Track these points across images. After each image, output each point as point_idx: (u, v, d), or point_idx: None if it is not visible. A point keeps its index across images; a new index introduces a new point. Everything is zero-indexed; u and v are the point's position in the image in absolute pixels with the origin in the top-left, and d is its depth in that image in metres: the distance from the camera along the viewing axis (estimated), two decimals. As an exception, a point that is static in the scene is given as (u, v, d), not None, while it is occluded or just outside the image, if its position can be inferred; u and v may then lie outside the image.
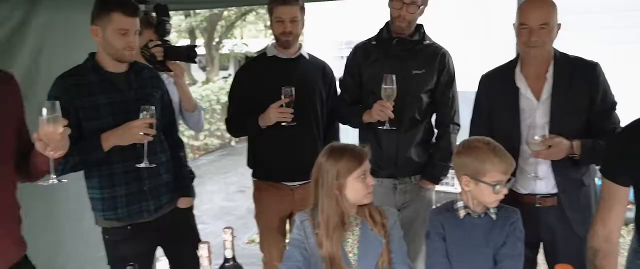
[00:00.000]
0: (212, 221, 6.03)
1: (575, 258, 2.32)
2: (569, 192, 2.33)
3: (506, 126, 2.37)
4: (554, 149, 2.18)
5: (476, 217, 2.01)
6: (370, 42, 2.79)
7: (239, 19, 15.96)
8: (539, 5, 2.26)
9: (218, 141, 10.85)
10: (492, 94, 2.45)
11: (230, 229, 1.74)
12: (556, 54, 2.34)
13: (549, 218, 2.35)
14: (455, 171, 2.05)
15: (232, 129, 2.96)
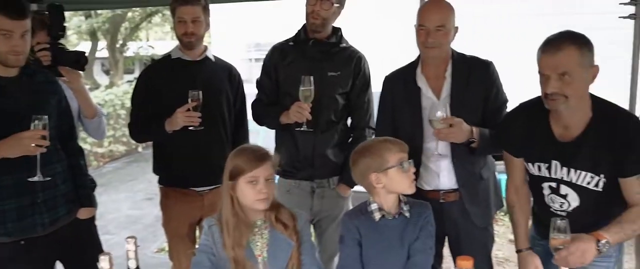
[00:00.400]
0: (118, 231, 5.78)
1: (476, 250, 2.43)
2: (468, 186, 2.41)
3: (409, 125, 2.44)
4: (454, 129, 2.22)
5: (391, 218, 2.03)
6: (287, 43, 2.78)
7: (144, 20, 15.45)
8: (436, 7, 2.34)
9: (124, 148, 10.45)
10: (396, 94, 2.51)
11: (133, 239, 1.69)
12: (454, 54, 2.43)
13: (452, 212, 2.43)
14: (360, 181, 2.04)
15: (135, 134, 2.85)
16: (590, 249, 1.86)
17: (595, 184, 2.00)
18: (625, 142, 1.91)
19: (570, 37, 1.88)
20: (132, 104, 2.88)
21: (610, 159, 1.94)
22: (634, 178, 1.93)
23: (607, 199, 2.00)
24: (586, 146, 1.97)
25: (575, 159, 2.00)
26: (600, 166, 1.97)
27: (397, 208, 2.03)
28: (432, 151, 2.38)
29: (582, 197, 2.04)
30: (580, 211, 2.05)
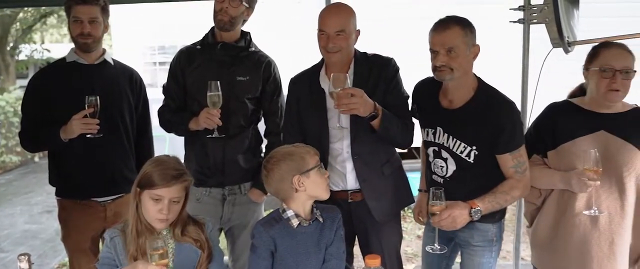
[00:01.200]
0: (13, 248, 5.40)
1: (384, 247, 2.50)
2: (368, 181, 2.43)
3: (315, 127, 2.45)
4: (356, 99, 2.17)
5: (306, 224, 2.01)
6: (194, 47, 2.69)
7: (38, 21, 14.53)
8: (335, 12, 2.36)
9: (18, 158, 9.78)
10: (301, 96, 2.52)
11: (26, 256, 1.58)
12: (356, 54, 2.46)
13: (359, 211, 2.46)
14: (276, 187, 1.99)
15: (27, 143, 2.67)
16: (462, 215, 2.13)
17: (467, 154, 2.25)
18: (497, 123, 2.18)
19: (455, 19, 2.20)
20: (22, 112, 2.70)
21: (484, 136, 2.20)
22: (507, 155, 2.21)
23: (477, 171, 2.25)
24: (464, 119, 2.24)
25: (453, 128, 2.27)
26: (473, 139, 2.23)
27: (311, 214, 2.03)
28: (339, 151, 2.40)
29: (457, 165, 2.29)
30: (456, 177, 2.30)
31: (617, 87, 2.12)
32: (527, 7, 2.83)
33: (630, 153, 2.13)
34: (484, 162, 2.24)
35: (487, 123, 2.19)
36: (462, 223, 2.14)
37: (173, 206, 1.90)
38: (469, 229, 2.27)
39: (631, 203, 2.16)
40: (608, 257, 2.18)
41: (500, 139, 2.19)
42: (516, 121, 2.23)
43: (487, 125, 2.19)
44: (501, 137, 2.19)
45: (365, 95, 2.21)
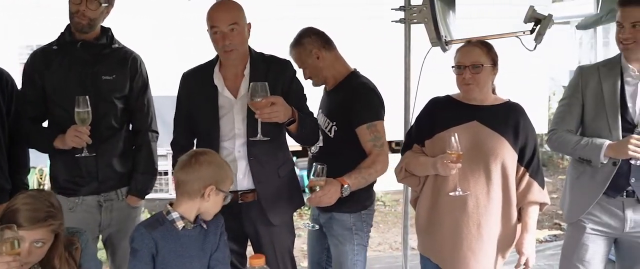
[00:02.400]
0: None
1: (277, 247, 2.51)
2: (264, 182, 2.44)
3: (206, 124, 2.42)
4: (277, 108, 2.21)
5: (191, 228, 1.99)
6: (50, 47, 2.53)
7: None
8: (225, 8, 2.34)
9: None
10: (192, 92, 2.48)
11: None
12: (252, 53, 2.46)
13: (251, 212, 2.46)
14: (191, 179, 1.97)
15: None
16: (335, 192, 2.33)
17: (329, 130, 2.59)
18: (353, 99, 2.52)
19: None
20: None
21: (342, 111, 2.53)
22: (363, 127, 2.48)
23: (337, 147, 2.55)
24: (333, 98, 2.64)
25: (324, 105, 2.68)
26: (334, 115, 2.58)
27: (196, 219, 2.02)
28: (230, 150, 2.38)
29: (324, 141, 2.61)
30: (322, 151, 2.61)
31: (467, 81, 2.30)
32: (407, 7, 2.94)
33: (498, 143, 2.31)
34: (343, 138, 2.54)
35: (345, 99, 2.55)
36: (334, 200, 2.34)
37: (35, 251, 1.77)
38: (329, 218, 2.53)
39: (496, 188, 2.33)
40: (476, 238, 2.34)
41: (354, 111, 2.50)
42: (369, 98, 2.56)
43: (344, 101, 2.54)
44: (354, 109, 2.50)
45: (284, 102, 2.25)
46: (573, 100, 2.58)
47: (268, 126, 2.31)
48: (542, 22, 2.74)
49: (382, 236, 5.33)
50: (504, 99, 2.45)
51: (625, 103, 2.44)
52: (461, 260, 2.36)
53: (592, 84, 2.52)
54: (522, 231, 2.39)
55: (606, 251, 2.62)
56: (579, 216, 2.57)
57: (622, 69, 2.47)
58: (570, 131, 2.57)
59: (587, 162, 2.50)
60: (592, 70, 2.57)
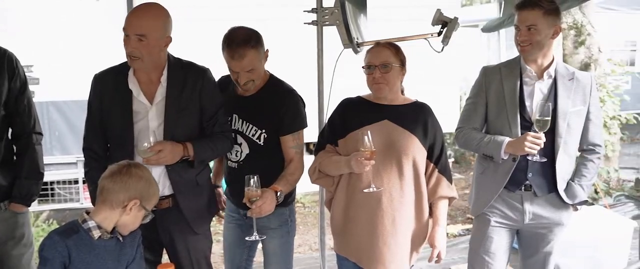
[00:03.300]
0: None
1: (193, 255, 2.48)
2: (184, 192, 2.42)
3: (119, 130, 2.35)
4: (164, 154, 2.24)
5: (107, 238, 1.93)
6: None
7: None
8: (140, 14, 2.26)
9: None
10: (105, 95, 2.38)
11: None
12: (170, 59, 2.40)
13: (166, 219, 2.41)
14: (118, 189, 1.92)
15: None
16: (272, 199, 2.39)
17: (258, 137, 2.56)
18: (281, 108, 2.53)
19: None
20: None
21: (272, 119, 2.53)
22: (289, 136, 2.55)
23: (266, 153, 2.56)
24: (256, 104, 2.56)
25: (247, 113, 2.57)
26: (263, 123, 2.55)
27: (113, 230, 1.97)
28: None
29: (250, 148, 2.57)
30: (249, 159, 2.58)
31: (377, 80, 2.36)
32: (320, 9, 2.98)
33: (409, 140, 2.38)
34: (271, 144, 2.56)
35: (275, 109, 2.53)
36: (273, 207, 2.40)
37: None
38: (267, 214, 2.45)
39: (409, 184, 2.40)
40: (391, 233, 2.40)
41: (284, 121, 2.53)
42: (297, 107, 2.58)
43: (273, 110, 2.53)
44: (285, 119, 2.53)
45: (170, 145, 2.26)
46: (478, 99, 2.70)
47: (184, 134, 2.33)
48: (449, 24, 2.86)
49: (302, 237, 5.35)
50: (412, 99, 2.53)
51: (524, 102, 2.59)
52: (377, 255, 2.41)
53: (494, 84, 2.65)
54: (433, 225, 2.47)
55: (509, 241, 2.77)
56: (483, 209, 2.70)
57: (521, 70, 2.61)
58: (476, 128, 2.70)
59: (490, 159, 2.63)
60: (495, 70, 2.70)
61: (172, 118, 2.34)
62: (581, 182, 2.64)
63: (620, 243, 4.08)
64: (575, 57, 6.36)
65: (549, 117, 2.39)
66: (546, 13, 2.46)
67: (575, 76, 2.60)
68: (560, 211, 2.67)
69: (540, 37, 2.48)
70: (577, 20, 6.35)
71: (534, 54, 2.55)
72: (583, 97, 2.59)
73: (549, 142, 2.52)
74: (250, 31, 2.47)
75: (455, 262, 4.55)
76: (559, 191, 2.61)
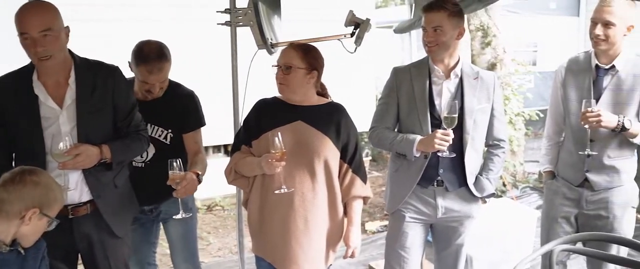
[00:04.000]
0: None
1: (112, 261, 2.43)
2: (103, 196, 2.35)
3: (27, 139, 2.22)
4: (81, 158, 2.17)
5: (6, 252, 1.82)
6: None
7: None
8: (36, 11, 2.15)
9: None
10: (7, 103, 2.23)
11: None
12: (76, 59, 2.30)
13: (83, 226, 2.33)
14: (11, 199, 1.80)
15: None
16: (195, 180, 2.59)
17: (165, 137, 2.78)
18: (186, 110, 2.80)
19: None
20: None
21: (176, 119, 2.76)
22: (192, 133, 2.81)
23: (173, 151, 2.72)
24: (161, 107, 2.74)
25: (152, 115, 2.70)
26: (169, 123, 2.77)
27: (13, 243, 1.85)
28: (56, 164, 2.20)
29: (157, 148, 2.75)
30: (156, 159, 2.74)
31: (279, 81, 2.41)
32: (233, 10, 2.95)
33: (321, 141, 2.41)
34: (176, 142, 2.79)
35: (178, 109, 2.76)
36: (196, 188, 2.61)
37: None
38: (174, 202, 2.62)
39: (321, 184, 2.43)
40: (304, 233, 2.41)
41: (188, 121, 2.80)
42: (198, 108, 2.85)
43: (178, 111, 2.76)
44: (189, 119, 2.80)
45: (87, 148, 2.20)
46: (389, 99, 2.77)
47: (98, 136, 2.28)
48: (361, 25, 2.91)
49: (222, 240, 5.28)
50: (327, 99, 2.56)
51: (433, 101, 2.68)
52: (291, 256, 2.42)
53: (405, 83, 2.73)
54: (348, 225, 2.51)
55: (424, 236, 2.86)
56: (398, 206, 2.77)
57: (429, 70, 2.71)
58: (388, 127, 2.77)
59: (403, 157, 2.71)
60: (405, 71, 2.78)
61: (85, 120, 2.26)
62: (488, 176, 2.78)
63: (526, 231, 4.32)
64: (483, 57, 6.67)
65: (456, 115, 2.49)
66: (451, 15, 2.56)
67: (480, 75, 2.73)
68: (470, 204, 2.79)
69: (446, 38, 2.58)
70: (484, 22, 6.66)
71: (440, 54, 2.65)
72: (487, 95, 2.72)
73: (457, 138, 2.63)
74: (160, 44, 2.66)
75: (374, 258, 4.65)
76: (468, 185, 2.73)
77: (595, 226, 2.81)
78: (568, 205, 2.88)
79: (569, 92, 2.82)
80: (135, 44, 2.66)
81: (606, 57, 2.72)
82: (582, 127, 2.65)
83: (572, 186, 2.85)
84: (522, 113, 6.84)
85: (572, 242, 2.65)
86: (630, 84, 2.68)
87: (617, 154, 2.74)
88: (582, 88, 2.77)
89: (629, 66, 2.69)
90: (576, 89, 2.80)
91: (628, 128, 2.62)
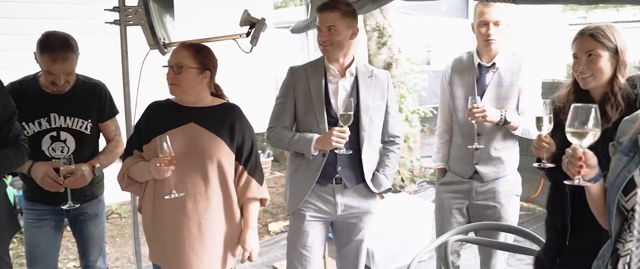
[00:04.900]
0: None
1: None
2: None
3: None
4: None
5: None
6: None
7: None
8: None
9: None
10: None
11: None
12: None
13: None
14: None
15: None
16: (89, 172, 2.76)
17: (85, 128, 2.85)
18: (99, 99, 2.89)
19: None
20: None
21: (93, 109, 2.87)
22: (109, 121, 2.96)
23: (91, 140, 2.89)
24: (76, 99, 2.80)
25: (68, 108, 2.78)
26: (87, 114, 2.84)
27: None
28: None
29: (77, 140, 2.83)
30: (78, 151, 2.81)
31: (170, 81, 2.34)
32: (122, 9, 2.81)
33: (213, 143, 2.35)
34: (95, 132, 2.89)
35: (93, 100, 2.86)
36: (88, 180, 2.75)
37: None
38: (93, 200, 2.85)
39: (215, 188, 2.37)
40: (198, 239, 2.35)
41: (104, 110, 2.91)
42: (110, 96, 2.96)
43: (93, 101, 2.86)
44: (104, 108, 2.91)
45: None
46: (286, 99, 2.77)
47: None
48: (257, 25, 2.88)
49: (120, 250, 5.04)
50: (222, 100, 2.50)
51: (329, 99, 2.71)
52: (185, 262, 2.34)
53: (301, 83, 2.74)
54: (244, 228, 2.47)
55: (325, 234, 2.89)
56: (298, 205, 2.78)
57: (325, 69, 2.74)
58: (286, 127, 2.77)
59: (302, 156, 2.72)
60: (301, 70, 2.79)
61: None
62: (385, 171, 2.85)
63: (423, 224, 4.51)
64: (379, 57, 6.87)
65: (351, 112, 2.54)
66: (344, 15, 2.60)
67: (374, 74, 2.80)
68: (369, 200, 2.85)
69: (340, 38, 2.63)
70: (380, 23, 6.86)
71: (335, 53, 2.68)
72: (382, 93, 2.79)
73: (354, 136, 2.68)
74: (66, 35, 2.67)
75: (278, 259, 4.64)
76: (366, 182, 2.79)
77: (484, 215, 2.98)
78: (460, 198, 3.03)
79: (456, 91, 2.98)
80: (42, 34, 2.66)
81: (487, 56, 2.91)
82: (469, 122, 2.80)
83: (463, 179, 3.00)
84: (418, 110, 7.11)
85: (464, 232, 2.80)
86: (510, 80, 2.88)
87: (502, 145, 2.93)
88: (467, 86, 2.94)
89: (507, 63, 2.90)
90: (462, 87, 2.96)
91: (510, 121, 2.81)
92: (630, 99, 1.96)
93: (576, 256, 1.96)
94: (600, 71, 1.99)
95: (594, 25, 2.05)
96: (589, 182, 1.62)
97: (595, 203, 1.69)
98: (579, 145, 1.59)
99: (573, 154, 1.58)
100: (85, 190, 2.82)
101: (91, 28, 4.39)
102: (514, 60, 2.91)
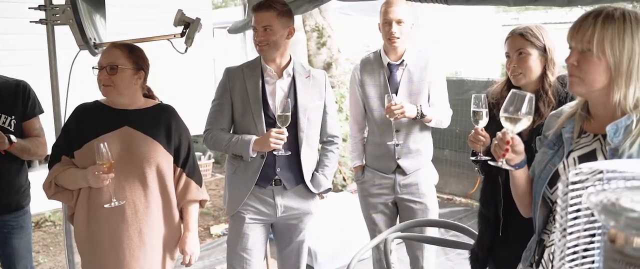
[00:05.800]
0: None
1: None
2: None
3: None
4: None
5: None
6: None
7: None
8: None
9: None
10: None
11: None
12: None
13: None
14: None
15: None
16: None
17: (9, 124, 2.76)
18: (22, 96, 2.82)
19: None
20: None
21: (17, 108, 2.79)
22: (35, 119, 2.88)
23: (17, 136, 2.75)
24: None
25: None
26: (10, 110, 2.76)
27: None
28: None
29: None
30: None
31: (104, 82, 2.27)
32: (49, 7, 2.69)
33: (150, 146, 2.29)
34: (18, 129, 2.80)
35: (15, 98, 2.78)
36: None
37: None
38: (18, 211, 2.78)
39: (154, 192, 2.31)
40: (138, 246, 2.29)
41: (27, 108, 2.82)
42: (34, 95, 2.88)
43: (15, 99, 2.78)
44: (27, 107, 2.81)
45: None
46: (223, 100, 2.73)
47: None
48: (191, 25, 2.81)
49: (54, 259, 4.84)
50: (155, 101, 2.44)
51: (267, 100, 2.69)
52: None
53: (238, 84, 2.71)
54: (184, 230, 2.42)
55: (265, 236, 2.86)
56: (237, 208, 2.74)
57: (262, 70, 2.71)
58: (224, 129, 2.73)
59: (240, 158, 2.68)
60: (237, 71, 2.76)
61: None
62: (324, 171, 2.86)
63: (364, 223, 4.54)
64: (319, 57, 6.89)
65: (289, 113, 2.52)
66: (280, 14, 2.59)
67: (312, 74, 2.80)
68: (308, 201, 2.84)
69: (276, 38, 2.61)
70: (319, 23, 6.88)
71: (271, 53, 2.67)
72: (320, 93, 2.80)
73: (293, 136, 2.67)
74: None
75: (220, 262, 4.58)
76: (305, 182, 2.78)
77: (410, 207, 3.07)
78: (384, 193, 3.11)
79: (369, 91, 3.05)
80: None
81: (395, 54, 3.02)
82: (386, 120, 2.90)
83: (385, 175, 3.06)
84: (358, 110, 7.15)
85: (402, 230, 2.85)
86: (419, 76, 3.00)
87: (420, 137, 3.05)
88: (379, 85, 3.03)
89: (415, 60, 3.02)
90: (374, 86, 3.05)
91: (426, 114, 2.92)
92: (561, 97, 2.06)
93: (509, 247, 2.03)
94: (530, 69, 2.09)
95: (524, 26, 2.14)
96: (512, 167, 1.65)
97: (519, 193, 1.74)
98: (511, 130, 1.63)
99: (502, 138, 1.62)
100: (9, 200, 2.68)
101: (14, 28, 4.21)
102: (420, 57, 3.04)
